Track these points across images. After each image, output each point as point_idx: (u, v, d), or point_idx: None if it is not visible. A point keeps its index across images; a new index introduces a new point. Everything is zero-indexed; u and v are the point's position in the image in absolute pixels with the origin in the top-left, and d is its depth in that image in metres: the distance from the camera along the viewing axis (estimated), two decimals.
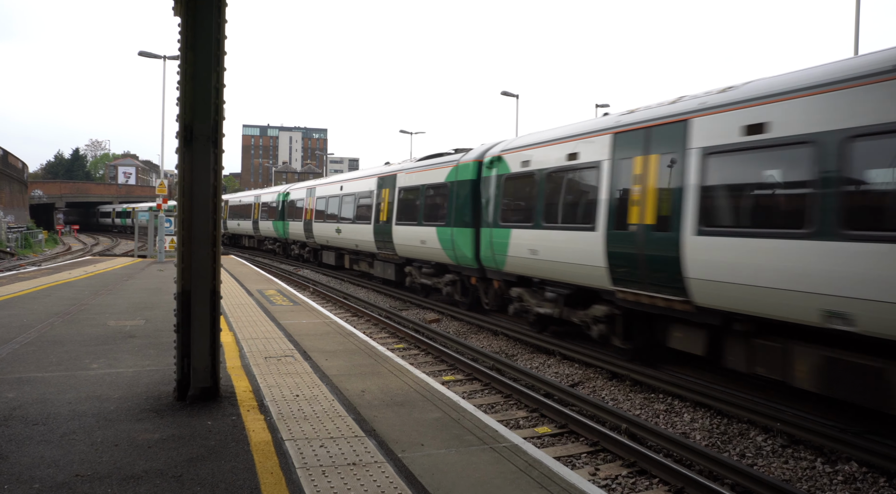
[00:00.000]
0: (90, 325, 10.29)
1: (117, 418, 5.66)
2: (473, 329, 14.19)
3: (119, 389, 6.58)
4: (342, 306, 17.36)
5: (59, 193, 76.71)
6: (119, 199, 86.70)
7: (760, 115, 7.67)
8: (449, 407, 6.31)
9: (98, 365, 7.58)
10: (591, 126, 10.89)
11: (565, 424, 7.75)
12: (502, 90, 37.46)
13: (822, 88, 6.96)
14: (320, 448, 5.07)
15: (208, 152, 6.01)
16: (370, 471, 4.64)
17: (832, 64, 7.21)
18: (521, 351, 12.00)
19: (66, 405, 6.01)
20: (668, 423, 7.99)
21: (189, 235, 6.00)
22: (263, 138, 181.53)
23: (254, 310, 12.62)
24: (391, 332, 13.82)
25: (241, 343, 9.17)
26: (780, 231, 7.28)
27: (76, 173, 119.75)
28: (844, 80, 6.72)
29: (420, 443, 5.26)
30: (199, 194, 6.01)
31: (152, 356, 8.15)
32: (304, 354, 8.61)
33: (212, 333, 6.13)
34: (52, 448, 4.92)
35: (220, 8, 6.02)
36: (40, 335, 9.35)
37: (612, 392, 9.28)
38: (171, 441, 5.11)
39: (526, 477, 4.64)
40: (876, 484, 6.14)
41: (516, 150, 12.97)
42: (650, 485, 6.18)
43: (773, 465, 6.64)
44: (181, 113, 5.98)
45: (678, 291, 8.64)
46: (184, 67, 5.97)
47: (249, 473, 4.56)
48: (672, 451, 6.84)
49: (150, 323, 10.61)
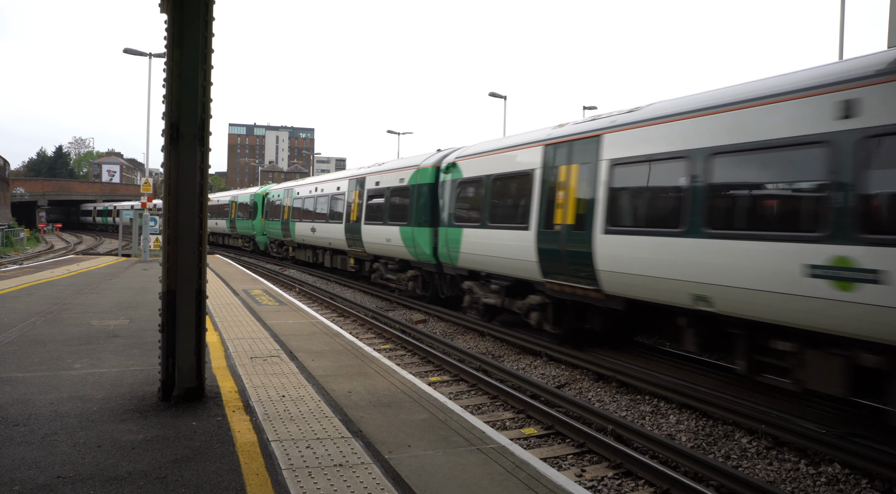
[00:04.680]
0: (73, 324, 10.17)
1: (100, 418, 5.60)
2: (460, 330, 14.18)
3: (102, 389, 6.50)
4: (328, 307, 17.29)
5: (41, 191, 75.83)
6: (103, 198, 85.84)
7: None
8: (436, 408, 6.30)
9: (81, 365, 7.49)
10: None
11: (552, 425, 7.76)
12: (490, 91, 37.48)
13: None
14: (306, 449, 5.04)
15: (195, 151, 5.96)
16: (357, 472, 4.62)
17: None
18: (507, 352, 12.01)
19: (47, 405, 5.93)
20: (654, 425, 8.02)
21: (175, 234, 5.95)
22: (250, 137, 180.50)
23: (239, 310, 12.53)
24: (378, 332, 13.78)
25: (226, 343, 9.10)
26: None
27: (59, 171, 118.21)
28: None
29: (407, 444, 5.25)
30: (186, 193, 5.96)
31: (136, 356, 8.07)
32: (291, 354, 8.56)
33: (197, 333, 6.08)
34: (34, 449, 4.85)
35: (207, 5, 5.97)
36: (21, 334, 9.23)
37: (599, 394, 9.31)
38: (156, 442, 5.05)
39: (513, 479, 4.63)
40: (858, 486, 6.19)
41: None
42: (636, 487, 6.20)
43: (757, 466, 6.69)
44: (167, 111, 5.93)
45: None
46: (170, 64, 5.92)
47: (235, 474, 4.52)
48: (658, 453, 6.86)
49: (135, 323, 10.50)
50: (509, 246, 12.19)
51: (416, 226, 16.18)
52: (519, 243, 11.85)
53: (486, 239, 13.09)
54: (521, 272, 12.11)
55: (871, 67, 6.54)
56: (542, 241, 11.27)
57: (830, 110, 6.76)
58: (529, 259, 11.63)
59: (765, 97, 7.56)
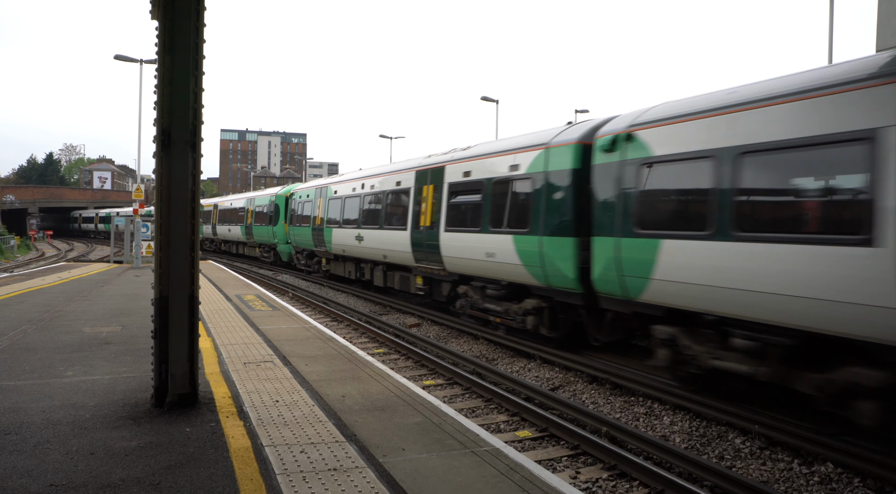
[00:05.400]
0: (65, 332, 10.12)
1: (93, 426, 5.57)
2: (454, 334, 14.18)
3: (95, 396, 6.47)
4: (322, 311, 17.26)
5: (32, 198, 75.43)
6: (94, 204, 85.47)
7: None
8: (430, 412, 6.30)
9: (73, 373, 7.46)
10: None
11: (546, 428, 7.77)
12: (482, 96, 37.58)
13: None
14: (301, 454, 5.03)
15: (186, 157, 5.96)
16: (351, 476, 4.62)
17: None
18: (501, 355, 12.02)
19: (39, 413, 5.90)
20: (647, 426, 8.05)
21: (167, 240, 5.94)
22: (242, 143, 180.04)
23: (232, 315, 12.50)
24: (371, 337, 13.77)
25: (219, 349, 9.08)
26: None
27: (50, 178, 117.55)
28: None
29: (401, 448, 5.25)
30: (178, 199, 5.96)
31: (129, 362, 8.03)
32: (284, 359, 8.54)
33: (190, 339, 6.06)
34: (26, 457, 4.82)
35: (198, 11, 5.98)
36: (12, 342, 9.17)
37: (593, 396, 9.33)
38: (149, 449, 5.03)
39: (507, 481, 4.64)
40: (851, 484, 6.23)
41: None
42: (630, 488, 6.22)
43: (751, 467, 6.72)
44: (159, 117, 5.93)
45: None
46: (161, 71, 5.92)
47: (229, 480, 4.51)
48: (652, 454, 6.89)
49: (127, 329, 10.46)
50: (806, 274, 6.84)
51: (546, 235, 11.11)
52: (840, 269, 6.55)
53: (729, 262, 7.66)
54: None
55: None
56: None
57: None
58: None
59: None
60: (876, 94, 6.35)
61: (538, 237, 11.35)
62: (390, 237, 17.34)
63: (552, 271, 11.08)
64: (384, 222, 17.89)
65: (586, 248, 10.32)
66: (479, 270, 13.38)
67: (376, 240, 18.31)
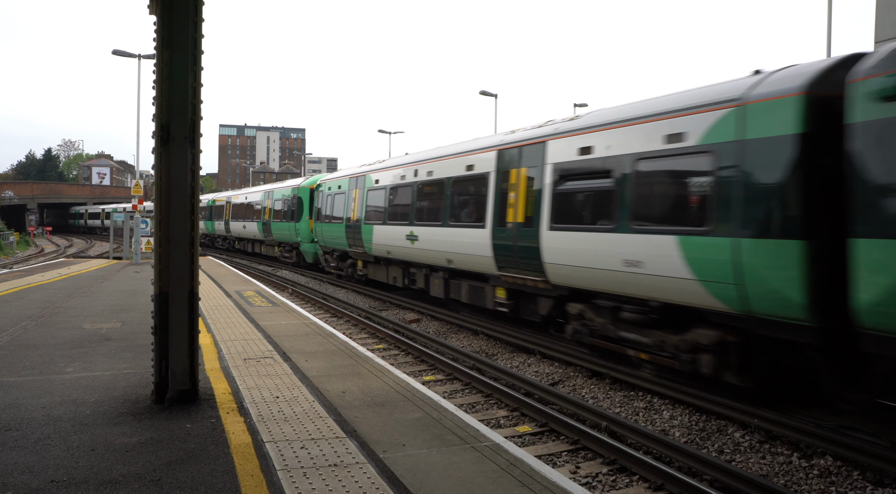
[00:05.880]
0: (65, 328, 10.12)
1: (94, 422, 5.58)
2: (453, 329, 14.19)
3: (95, 392, 6.48)
4: (321, 307, 17.27)
5: (30, 194, 75.30)
6: (93, 200, 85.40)
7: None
8: (430, 407, 6.31)
9: (73, 369, 7.46)
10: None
11: (546, 423, 7.78)
12: (481, 90, 37.55)
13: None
14: (301, 450, 5.04)
15: (185, 152, 5.95)
16: (352, 472, 4.63)
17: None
18: (501, 351, 12.03)
19: (40, 409, 5.91)
20: (647, 421, 8.06)
21: (166, 236, 5.94)
22: (241, 138, 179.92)
23: (232, 311, 12.50)
24: (371, 332, 13.78)
25: (219, 345, 9.08)
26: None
27: (49, 174, 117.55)
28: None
29: (401, 443, 5.26)
30: (177, 195, 5.95)
31: (129, 358, 8.04)
32: (284, 355, 8.55)
33: (190, 335, 6.06)
34: (26, 453, 4.83)
35: (196, 6, 5.96)
36: (12, 338, 9.18)
37: (592, 391, 9.34)
38: (150, 445, 5.04)
39: (508, 476, 4.65)
40: (850, 477, 6.25)
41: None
42: (630, 482, 6.23)
43: (750, 460, 6.73)
44: (157, 113, 5.91)
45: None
46: (160, 66, 5.90)
47: (230, 476, 4.52)
48: (652, 448, 6.90)
49: (127, 326, 10.46)
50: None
51: (747, 236, 7.45)
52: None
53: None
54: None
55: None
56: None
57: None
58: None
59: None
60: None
61: (729, 240, 7.61)
62: (459, 237, 13.72)
63: (758, 290, 7.39)
64: (449, 217, 14.19)
65: (821, 257, 6.91)
66: (611, 283, 9.59)
67: (437, 240, 14.62)
